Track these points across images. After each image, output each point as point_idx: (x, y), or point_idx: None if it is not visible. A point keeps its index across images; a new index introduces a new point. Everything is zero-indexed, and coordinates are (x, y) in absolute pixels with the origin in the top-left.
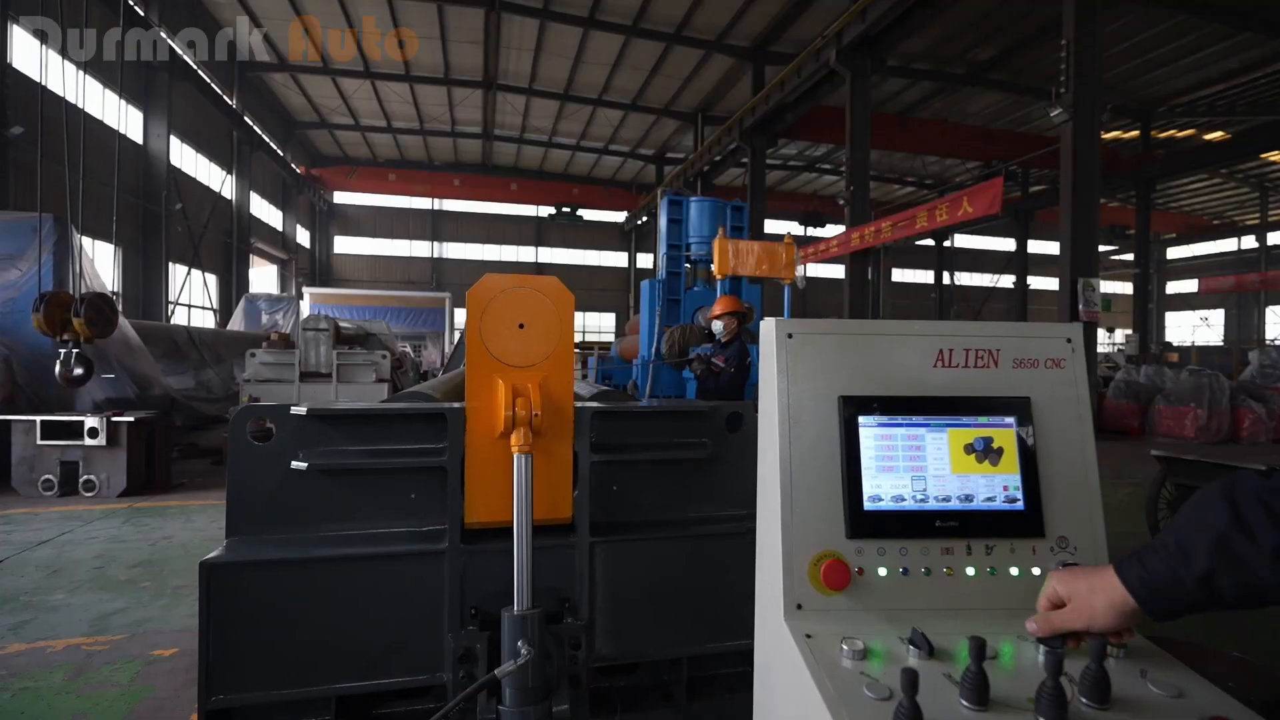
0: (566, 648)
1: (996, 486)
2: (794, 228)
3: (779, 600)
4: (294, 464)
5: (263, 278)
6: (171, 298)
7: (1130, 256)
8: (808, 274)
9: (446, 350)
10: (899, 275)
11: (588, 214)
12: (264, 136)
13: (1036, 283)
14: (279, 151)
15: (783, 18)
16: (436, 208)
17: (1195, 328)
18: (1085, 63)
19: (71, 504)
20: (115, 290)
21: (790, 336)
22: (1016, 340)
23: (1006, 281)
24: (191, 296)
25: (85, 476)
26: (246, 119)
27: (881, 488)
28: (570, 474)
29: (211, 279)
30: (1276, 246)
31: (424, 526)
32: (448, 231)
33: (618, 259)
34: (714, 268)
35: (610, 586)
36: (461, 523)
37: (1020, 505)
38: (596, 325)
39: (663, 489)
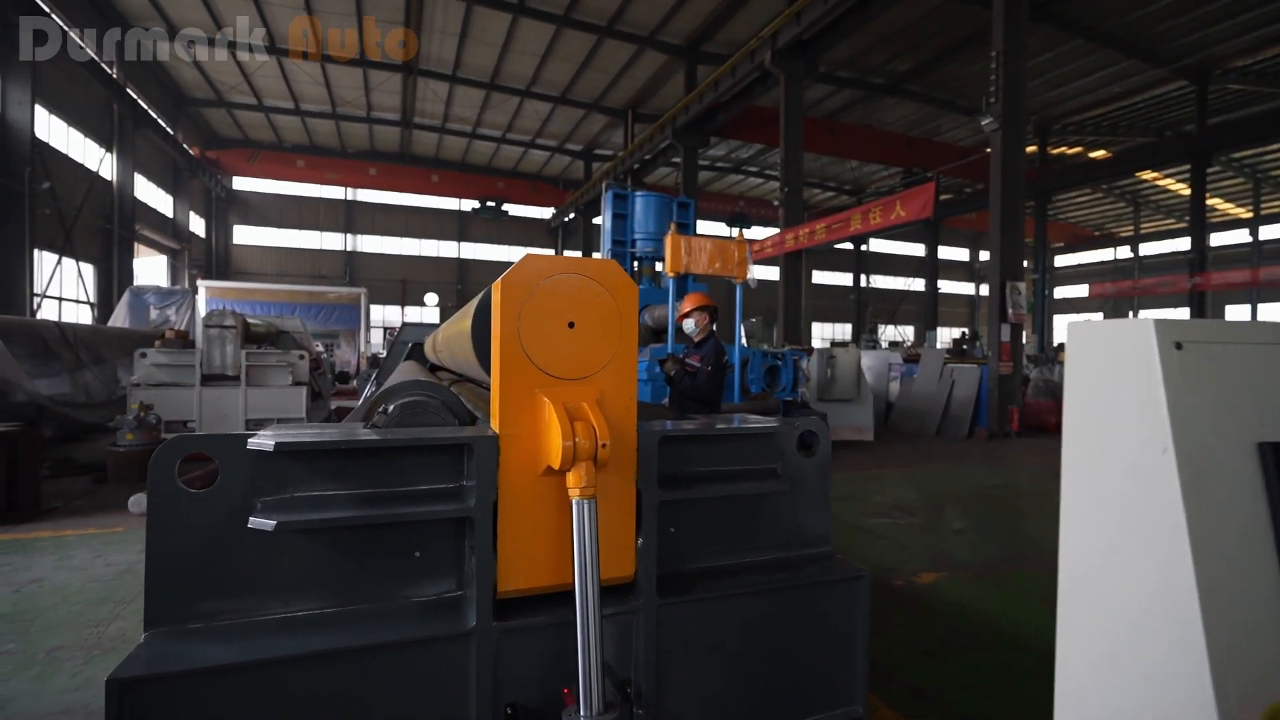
0: None
1: None
2: (721, 229)
3: None
4: (253, 522)
5: (150, 269)
6: (38, 289)
7: (1027, 263)
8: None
9: (362, 348)
10: (819, 277)
11: (513, 209)
12: (150, 112)
13: (944, 286)
14: (168, 130)
15: (716, 17)
16: (350, 198)
17: None
18: (1012, 73)
19: None
20: None
21: (1179, 347)
22: None
23: (917, 285)
24: (63, 288)
25: None
26: (130, 91)
27: None
28: (634, 519)
29: (88, 269)
30: (1148, 256)
31: (429, 594)
32: (363, 223)
33: None
34: (666, 265)
35: (682, 661)
36: (493, 592)
37: None
38: None
39: (726, 529)
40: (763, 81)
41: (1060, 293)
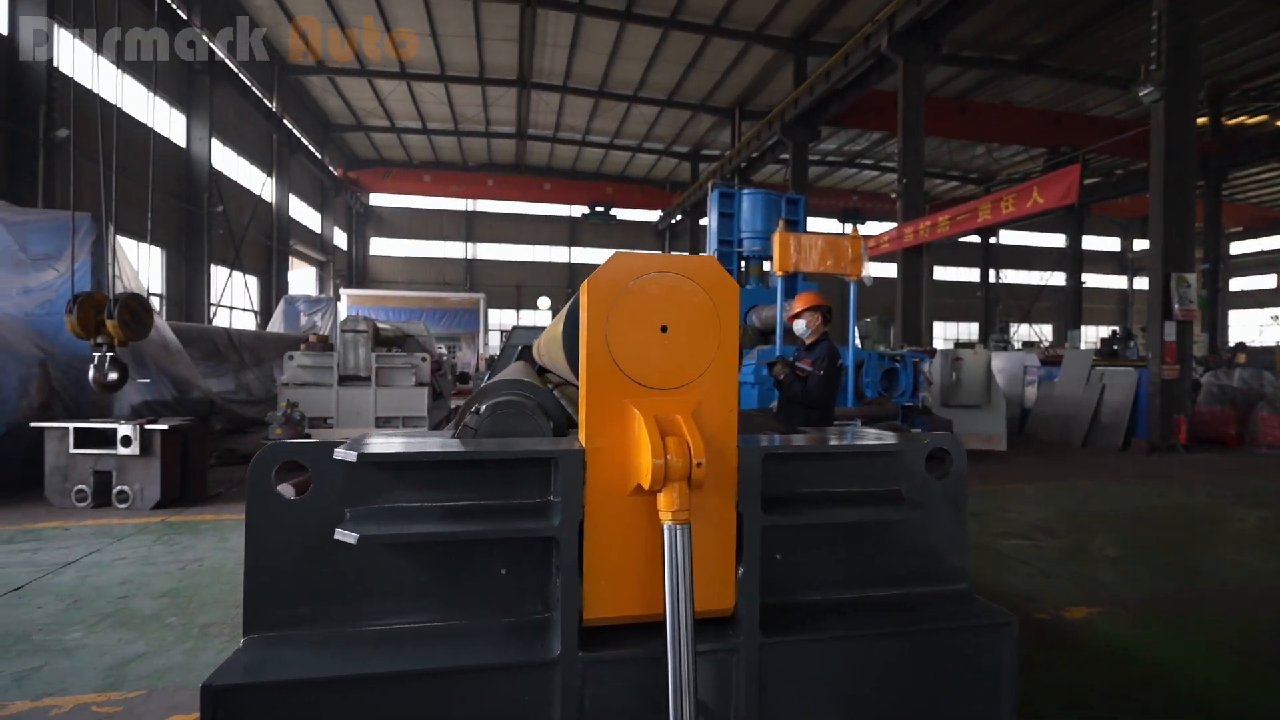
0: None
1: None
2: (833, 225)
3: None
4: (339, 534)
5: (301, 279)
6: (213, 300)
7: (1197, 253)
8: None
9: (481, 350)
10: (940, 273)
11: (621, 213)
12: (303, 139)
13: (1089, 280)
14: (317, 154)
15: (826, 6)
16: (470, 209)
17: (1263, 327)
18: (1178, 34)
19: (103, 517)
20: (159, 292)
21: None
22: None
23: (1056, 279)
24: (233, 298)
25: (119, 487)
26: (286, 122)
27: None
28: (734, 546)
29: (252, 281)
30: None
31: (513, 614)
32: (481, 232)
33: None
34: (774, 264)
35: (788, 706)
36: (579, 619)
37: None
38: None
39: (841, 558)
40: (879, 68)
41: (1237, 284)
